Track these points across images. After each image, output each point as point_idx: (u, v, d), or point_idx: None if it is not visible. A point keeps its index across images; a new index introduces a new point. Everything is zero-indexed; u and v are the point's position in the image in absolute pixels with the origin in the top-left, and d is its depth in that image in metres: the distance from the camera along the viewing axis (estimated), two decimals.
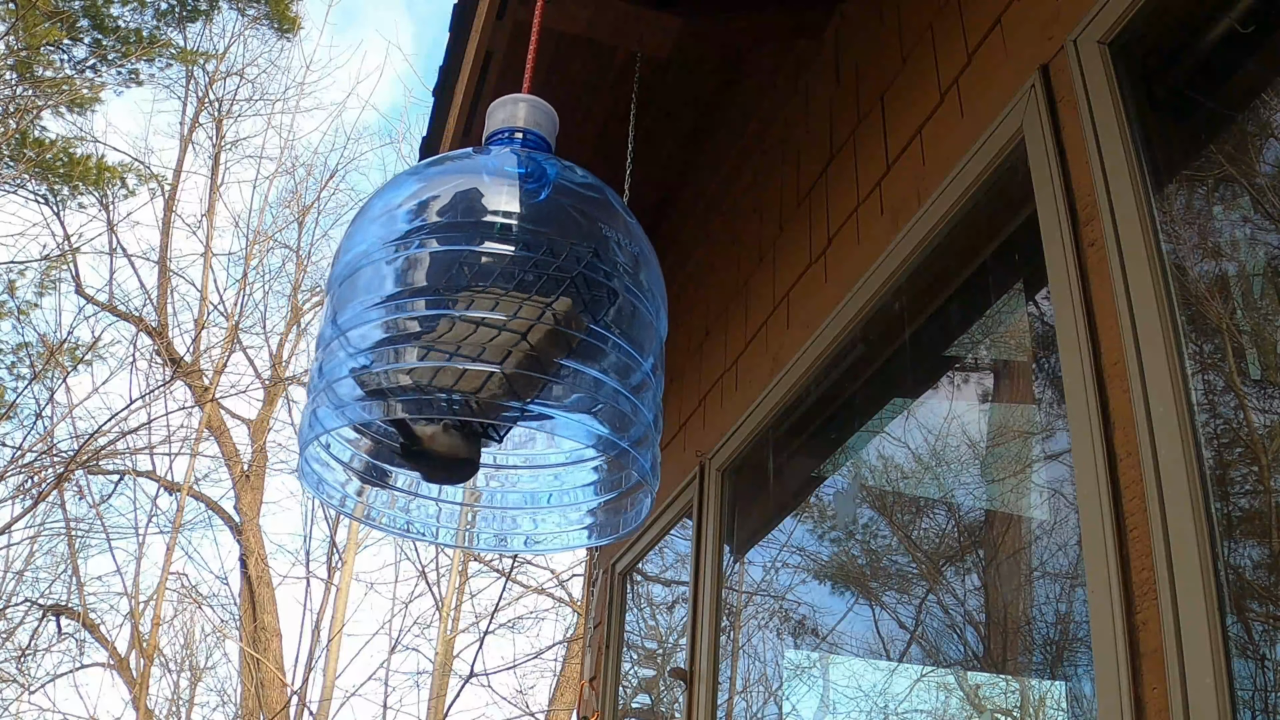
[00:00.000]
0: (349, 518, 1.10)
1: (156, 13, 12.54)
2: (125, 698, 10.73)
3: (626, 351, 0.93)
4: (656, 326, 0.99)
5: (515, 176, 0.99)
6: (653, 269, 1.01)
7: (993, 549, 2.14)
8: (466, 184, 1.01)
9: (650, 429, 0.95)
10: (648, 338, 0.96)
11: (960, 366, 2.22)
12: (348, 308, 0.92)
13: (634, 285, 0.96)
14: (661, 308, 1.01)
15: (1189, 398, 1.24)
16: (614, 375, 0.92)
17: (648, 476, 0.97)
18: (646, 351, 0.95)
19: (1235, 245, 1.49)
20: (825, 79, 2.58)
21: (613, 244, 0.96)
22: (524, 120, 1.03)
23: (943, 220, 1.87)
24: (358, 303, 0.92)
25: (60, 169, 11.75)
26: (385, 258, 0.93)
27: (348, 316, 0.92)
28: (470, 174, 1.03)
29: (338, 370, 0.90)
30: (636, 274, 0.97)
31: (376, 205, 1.00)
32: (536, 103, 1.04)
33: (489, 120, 1.05)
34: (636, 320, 0.95)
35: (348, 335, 0.91)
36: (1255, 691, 1.18)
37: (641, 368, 0.94)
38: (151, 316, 12.19)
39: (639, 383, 0.94)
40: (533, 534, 1.06)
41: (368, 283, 0.93)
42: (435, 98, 2.75)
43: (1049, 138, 1.57)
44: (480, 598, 14.44)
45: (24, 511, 10.26)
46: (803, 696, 2.66)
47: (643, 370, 0.94)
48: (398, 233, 0.95)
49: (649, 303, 0.98)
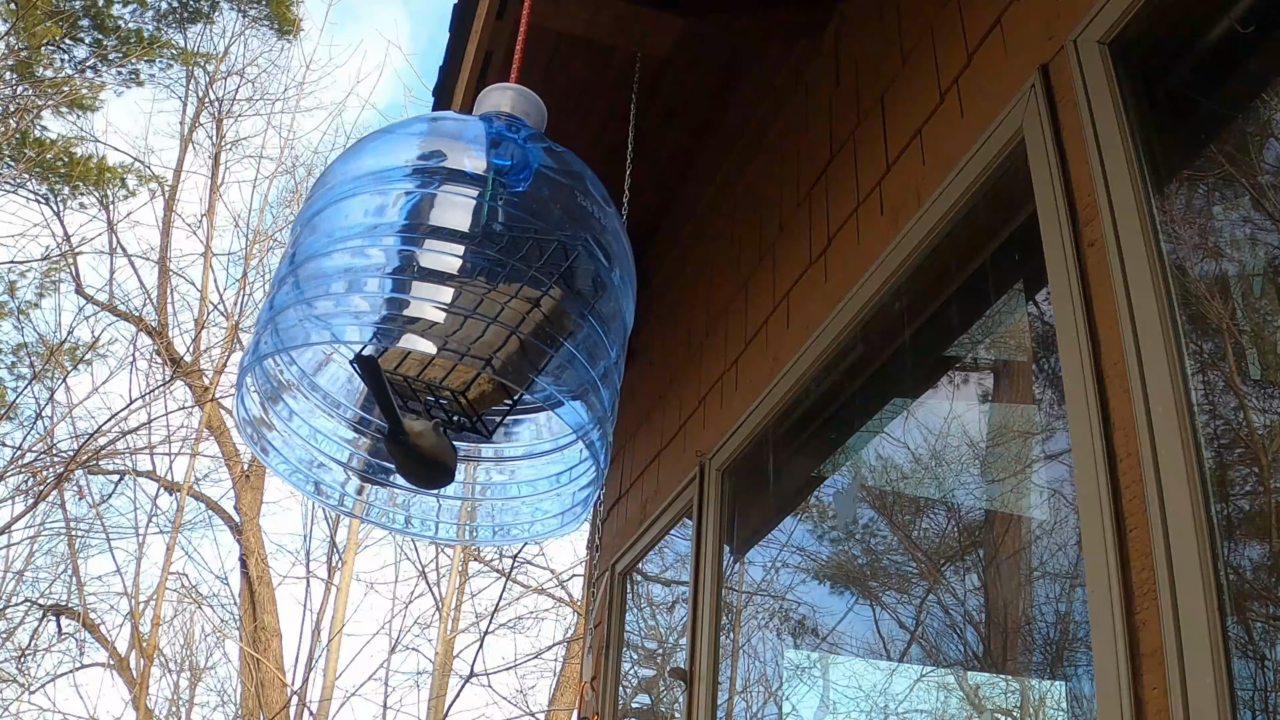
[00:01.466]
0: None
1: (157, 13, 12.54)
2: (125, 698, 10.74)
3: (600, 339, 0.94)
4: (624, 316, 1.00)
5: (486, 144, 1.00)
6: (626, 258, 1.01)
7: (993, 549, 2.14)
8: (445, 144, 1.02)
9: (608, 414, 0.96)
10: (616, 325, 0.97)
11: (960, 367, 2.22)
12: (308, 244, 0.93)
13: (607, 275, 0.97)
14: (631, 298, 1.02)
15: (1189, 398, 1.24)
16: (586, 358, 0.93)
17: (600, 461, 0.98)
18: (614, 339, 0.96)
19: (1235, 245, 1.49)
20: (825, 79, 2.58)
21: (590, 237, 0.97)
22: (511, 108, 1.04)
23: (943, 220, 1.87)
24: (321, 236, 0.93)
25: (60, 169, 11.75)
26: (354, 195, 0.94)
27: (306, 248, 0.92)
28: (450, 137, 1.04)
29: (285, 302, 0.90)
30: (611, 264, 0.98)
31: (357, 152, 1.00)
32: (524, 92, 1.05)
33: (477, 107, 1.06)
34: (608, 308, 0.96)
35: (300, 271, 0.91)
36: (1255, 691, 1.18)
37: (609, 354, 0.95)
38: (151, 316, 12.19)
39: (604, 371, 0.95)
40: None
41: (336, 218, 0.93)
42: (435, 97, 2.75)
43: (1049, 138, 1.57)
44: (480, 598, 14.43)
45: (24, 511, 10.26)
46: (803, 696, 2.66)
47: (610, 358, 0.95)
48: (371, 176, 0.95)
49: (621, 293, 0.98)
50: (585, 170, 1.02)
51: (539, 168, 0.98)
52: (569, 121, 2.92)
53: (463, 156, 0.98)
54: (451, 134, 1.05)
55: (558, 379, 0.92)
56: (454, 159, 0.97)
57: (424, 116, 1.12)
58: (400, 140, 1.03)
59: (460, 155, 0.98)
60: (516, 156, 0.98)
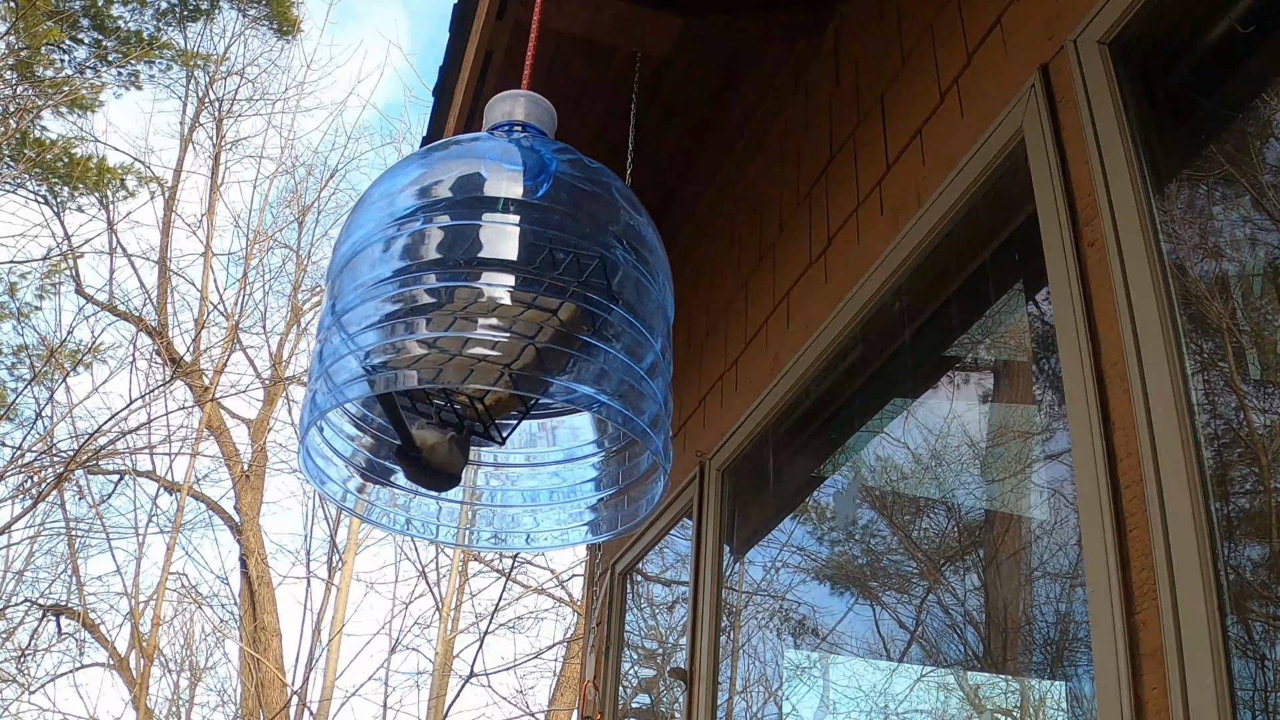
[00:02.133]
0: (350, 514, 1.10)
1: (157, 13, 12.54)
2: (125, 698, 10.74)
3: (640, 332, 0.94)
4: (665, 308, 1.00)
5: (518, 164, 1.00)
6: (657, 252, 1.01)
7: (993, 549, 2.14)
8: (468, 168, 1.02)
9: (663, 410, 0.96)
10: (657, 319, 0.97)
11: (960, 367, 2.22)
12: (347, 292, 0.93)
13: (642, 268, 0.97)
14: (668, 289, 1.01)
15: (1189, 398, 1.24)
16: (627, 356, 0.93)
17: (661, 457, 0.98)
18: (656, 333, 0.96)
19: (1235, 245, 1.49)
20: (825, 79, 2.58)
21: (617, 233, 0.97)
22: (524, 115, 1.04)
23: (943, 220, 1.87)
24: (358, 284, 0.93)
25: (60, 169, 11.75)
26: (385, 239, 0.94)
27: (347, 299, 0.92)
28: (472, 158, 1.04)
29: (337, 353, 0.90)
30: (643, 257, 0.98)
31: (376, 191, 1.00)
32: (535, 98, 1.05)
33: (488, 115, 1.06)
34: (646, 303, 0.96)
35: (344, 319, 0.91)
36: (1255, 691, 1.18)
37: (653, 349, 0.95)
38: (151, 316, 12.19)
39: (651, 364, 0.95)
40: (533, 531, 1.06)
41: (368, 265, 0.93)
42: (435, 98, 2.75)
43: (1049, 138, 1.57)
44: (480, 598, 14.43)
45: (24, 511, 10.26)
46: (803, 696, 2.66)
47: (654, 351, 0.95)
48: (399, 213, 0.95)
49: (655, 285, 0.98)
50: (609, 173, 1.03)
51: (559, 173, 0.99)
52: (569, 121, 2.91)
53: (489, 180, 0.98)
54: (474, 155, 1.04)
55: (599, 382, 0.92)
56: (492, 183, 0.97)
57: (445, 141, 1.12)
58: (433, 166, 1.03)
59: (486, 178, 0.98)
60: (534, 162, 0.98)
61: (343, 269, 0.95)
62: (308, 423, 0.94)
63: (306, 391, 0.94)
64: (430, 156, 1.07)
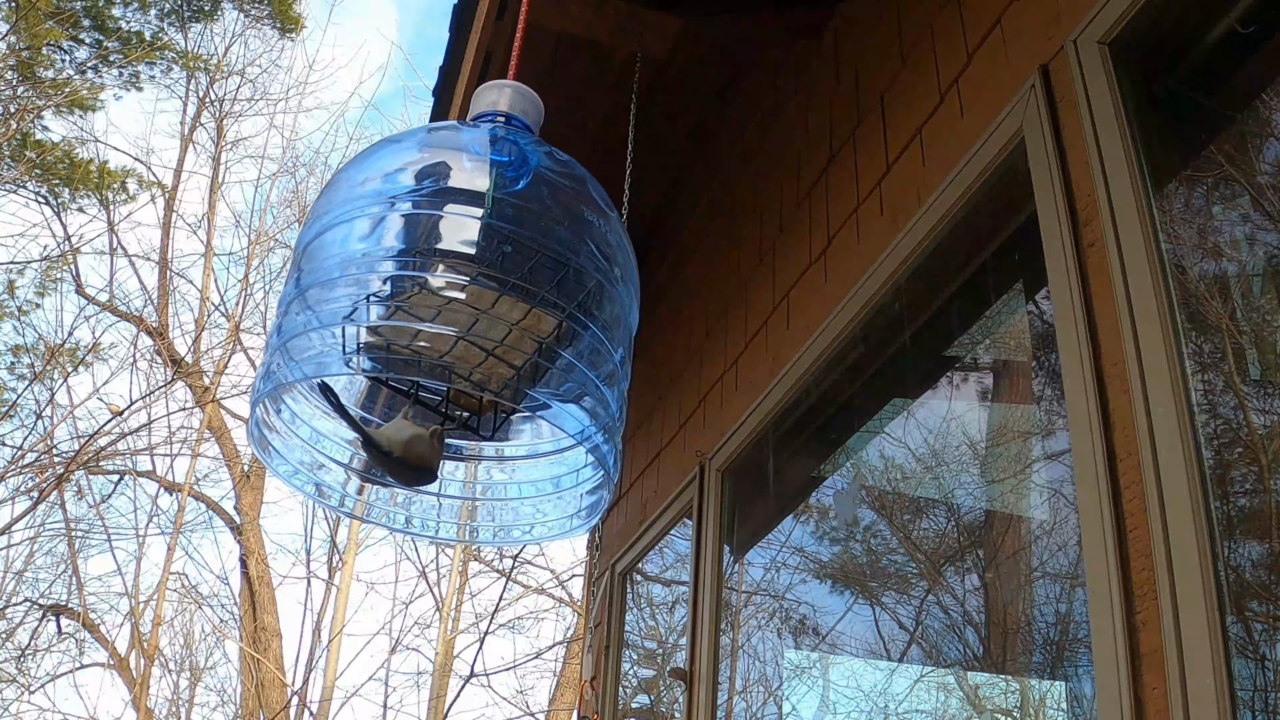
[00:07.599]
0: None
1: (160, 13, 12.54)
2: (125, 698, 10.73)
3: (601, 342, 0.94)
4: (627, 320, 0.99)
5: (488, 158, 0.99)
6: (628, 261, 1.00)
7: (993, 549, 2.14)
8: (446, 157, 1.01)
9: (615, 421, 0.95)
10: (619, 330, 0.97)
11: (960, 367, 2.22)
12: (313, 268, 0.92)
13: (609, 278, 0.96)
14: (634, 300, 1.01)
15: (1189, 398, 1.24)
16: (588, 364, 0.93)
17: (609, 468, 0.97)
18: (617, 343, 0.96)
19: (1235, 245, 1.49)
20: (825, 79, 2.58)
21: (590, 238, 0.96)
22: (508, 106, 1.03)
23: (943, 220, 1.87)
24: (324, 260, 0.92)
25: (61, 172, 11.75)
26: (355, 218, 0.93)
27: (311, 276, 0.91)
28: (452, 150, 1.03)
29: (294, 329, 0.90)
30: (612, 267, 0.97)
31: (352, 170, 0.99)
32: (522, 89, 1.04)
33: (474, 104, 1.05)
34: (610, 313, 0.95)
35: (308, 294, 0.90)
36: (1255, 691, 1.18)
37: (612, 358, 0.95)
38: (152, 317, 12.19)
39: (608, 373, 0.94)
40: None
41: (337, 244, 0.93)
42: (435, 98, 2.75)
43: (1049, 138, 1.57)
44: (480, 598, 14.44)
45: (24, 512, 10.27)
46: (803, 696, 2.66)
47: (613, 361, 0.95)
48: (371, 196, 0.95)
49: (623, 296, 0.98)
50: (586, 175, 1.01)
51: (539, 168, 0.98)
52: (569, 121, 2.92)
53: (465, 171, 0.97)
54: (454, 145, 1.04)
55: (558, 387, 0.92)
56: (457, 174, 0.97)
57: (425, 127, 1.11)
58: (403, 153, 1.02)
59: (463, 170, 0.97)
60: (514, 155, 0.98)
61: (310, 243, 0.94)
62: (261, 390, 0.93)
63: (261, 363, 0.94)
64: (406, 141, 1.07)
